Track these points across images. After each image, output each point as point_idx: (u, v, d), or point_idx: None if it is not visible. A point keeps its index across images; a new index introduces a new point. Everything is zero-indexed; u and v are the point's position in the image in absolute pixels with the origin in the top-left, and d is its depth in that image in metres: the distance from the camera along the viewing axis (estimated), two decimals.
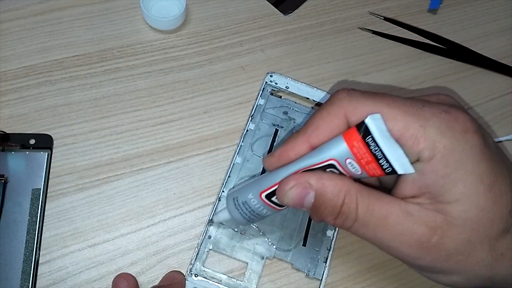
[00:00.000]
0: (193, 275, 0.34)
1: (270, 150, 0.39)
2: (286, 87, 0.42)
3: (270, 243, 0.36)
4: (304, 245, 0.36)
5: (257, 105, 0.41)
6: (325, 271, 0.35)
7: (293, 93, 0.42)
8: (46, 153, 0.37)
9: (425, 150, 0.24)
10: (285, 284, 0.35)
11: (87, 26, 0.44)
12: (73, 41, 0.43)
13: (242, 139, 0.39)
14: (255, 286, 0.35)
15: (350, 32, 0.47)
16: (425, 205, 0.25)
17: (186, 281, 0.34)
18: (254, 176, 0.38)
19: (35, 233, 0.34)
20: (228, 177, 0.38)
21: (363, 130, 0.24)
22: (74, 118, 0.39)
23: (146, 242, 0.36)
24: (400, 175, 0.26)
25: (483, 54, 0.47)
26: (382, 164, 0.24)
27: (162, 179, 0.38)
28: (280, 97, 0.42)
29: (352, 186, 0.26)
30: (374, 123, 0.24)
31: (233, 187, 0.37)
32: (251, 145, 0.39)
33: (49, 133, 0.38)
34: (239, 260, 0.35)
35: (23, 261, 0.34)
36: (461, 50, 0.47)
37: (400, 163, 0.24)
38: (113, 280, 0.33)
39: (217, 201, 0.37)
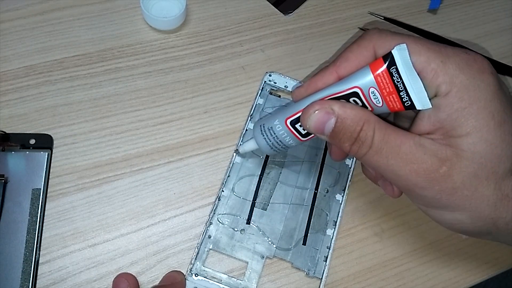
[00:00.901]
0: (194, 275, 0.34)
1: None
2: (285, 86, 0.42)
3: (270, 242, 0.36)
4: (304, 244, 0.36)
5: (256, 104, 0.41)
6: (325, 270, 0.35)
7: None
8: (46, 153, 0.37)
9: (443, 84, 0.26)
10: (285, 283, 0.35)
11: (87, 26, 0.44)
12: (73, 41, 0.43)
13: (241, 138, 0.39)
14: (255, 286, 0.35)
15: (350, 32, 0.47)
16: (437, 140, 0.26)
17: (187, 281, 0.34)
18: (252, 175, 0.38)
19: (35, 233, 0.34)
20: (228, 176, 0.38)
21: (389, 60, 0.26)
22: (74, 118, 0.39)
23: (146, 242, 0.36)
24: (417, 112, 0.27)
25: (483, 54, 0.47)
26: (402, 96, 0.26)
27: (162, 179, 0.38)
28: (279, 96, 0.42)
29: (371, 116, 0.27)
30: (399, 54, 0.26)
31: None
32: None
33: (49, 133, 0.38)
34: (239, 260, 0.35)
35: (23, 261, 0.34)
36: None
37: (419, 98, 0.26)
38: (114, 280, 0.33)
39: (216, 201, 0.37)
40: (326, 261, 0.36)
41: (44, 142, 0.38)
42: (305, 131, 0.30)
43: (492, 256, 0.38)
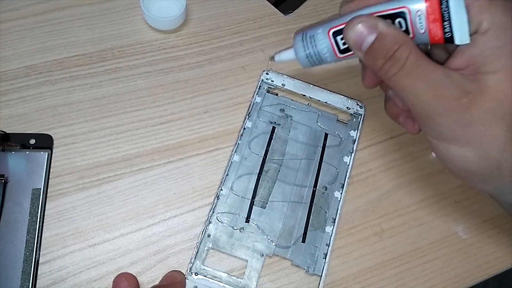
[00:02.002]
0: (193, 274, 0.34)
1: (267, 148, 0.39)
2: (282, 84, 0.42)
3: (269, 240, 0.36)
4: (303, 241, 0.36)
5: (254, 103, 0.41)
6: (324, 267, 0.35)
7: (290, 90, 0.42)
8: (46, 153, 0.37)
9: (485, 20, 0.26)
10: (285, 281, 0.35)
11: (87, 26, 0.44)
12: (73, 41, 0.43)
13: (239, 137, 0.39)
14: (255, 284, 0.35)
15: None
16: (467, 75, 0.27)
17: (187, 280, 0.34)
18: (251, 173, 0.38)
19: (35, 233, 0.34)
20: (227, 175, 0.38)
21: None
22: (74, 118, 0.39)
23: (146, 242, 0.36)
24: (454, 48, 0.28)
25: None
26: (445, 26, 0.27)
27: (162, 179, 0.38)
28: (277, 94, 0.42)
29: (411, 41, 0.27)
30: None
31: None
32: (248, 143, 0.39)
33: (49, 133, 0.38)
34: (239, 258, 0.35)
35: (23, 261, 0.34)
36: None
37: (460, 32, 0.26)
38: (114, 279, 0.33)
39: (215, 200, 0.37)
40: (325, 258, 0.36)
41: (44, 142, 0.38)
42: (345, 46, 0.30)
43: (492, 256, 0.38)
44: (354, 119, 0.42)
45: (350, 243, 0.37)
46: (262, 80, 0.42)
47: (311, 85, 0.42)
